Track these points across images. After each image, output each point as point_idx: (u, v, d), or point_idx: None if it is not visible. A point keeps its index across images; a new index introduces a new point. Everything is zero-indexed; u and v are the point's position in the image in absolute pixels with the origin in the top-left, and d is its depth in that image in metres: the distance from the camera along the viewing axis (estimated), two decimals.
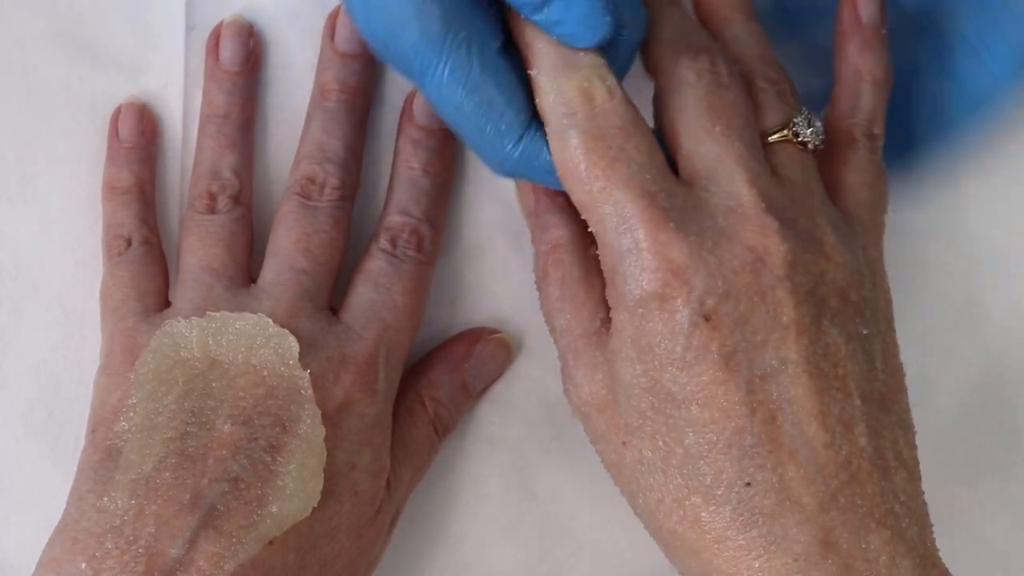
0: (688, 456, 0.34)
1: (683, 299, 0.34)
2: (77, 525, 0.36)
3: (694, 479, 0.34)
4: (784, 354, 0.34)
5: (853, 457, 0.34)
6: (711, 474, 0.34)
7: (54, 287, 0.43)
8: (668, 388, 0.34)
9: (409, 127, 0.42)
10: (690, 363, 0.34)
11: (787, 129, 0.37)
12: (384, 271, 0.40)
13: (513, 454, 0.43)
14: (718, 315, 0.34)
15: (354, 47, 0.41)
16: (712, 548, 0.34)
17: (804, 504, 0.33)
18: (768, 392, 0.34)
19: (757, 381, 0.34)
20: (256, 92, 0.43)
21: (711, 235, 0.34)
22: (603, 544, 0.43)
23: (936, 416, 0.44)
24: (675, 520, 0.35)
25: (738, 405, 0.34)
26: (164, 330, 0.38)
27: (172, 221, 0.43)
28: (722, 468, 0.34)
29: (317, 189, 0.41)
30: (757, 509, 0.33)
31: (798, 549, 0.33)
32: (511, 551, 0.43)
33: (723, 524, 0.34)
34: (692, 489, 0.34)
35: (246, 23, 0.42)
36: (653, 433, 0.35)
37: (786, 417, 0.34)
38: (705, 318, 0.34)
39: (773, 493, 0.33)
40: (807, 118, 0.37)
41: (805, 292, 0.34)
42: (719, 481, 0.34)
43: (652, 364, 0.34)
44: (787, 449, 0.33)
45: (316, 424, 0.37)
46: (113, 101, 0.43)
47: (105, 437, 0.37)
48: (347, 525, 0.38)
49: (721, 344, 0.34)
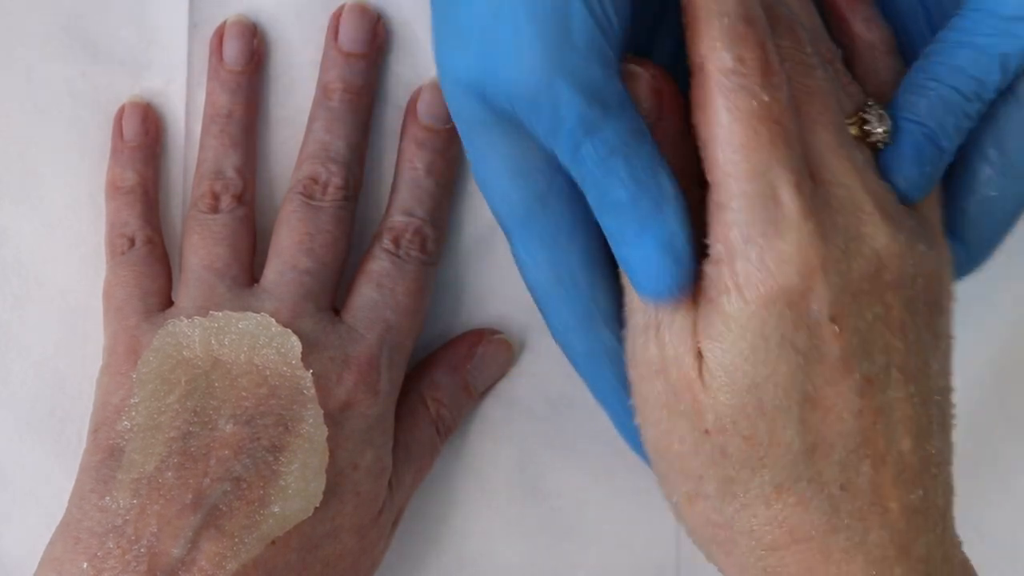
0: (787, 456, 0.33)
1: (817, 296, 0.32)
2: (79, 525, 0.36)
3: (790, 480, 0.33)
4: (891, 359, 0.33)
5: (928, 463, 0.34)
6: (809, 476, 0.33)
7: (57, 284, 0.43)
8: (780, 386, 0.33)
9: (413, 127, 0.42)
10: (811, 362, 0.33)
11: (856, 125, 0.35)
12: (387, 271, 0.40)
13: (517, 450, 0.43)
14: (843, 316, 0.33)
15: (358, 46, 0.41)
16: (790, 547, 0.33)
17: (889, 508, 0.33)
18: (874, 396, 0.33)
19: (867, 385, 0.33)
20: (259, 91, 0.43)
21: (843, 233, 0.33)
22: (609, 539, 0.43)
23: None
24: (752, 515, 0.33)
25: (848, 409, 0.33)
26: (167, 329, 0.38)
27: (175, 220, 0.43)
28: (822, 470, 0.33)
29: (320, 189, 0.41)
30: (847, 512, 0.33)
31: (877, 553, 0.33)
32: (516, 547, 0.43)
33: (809, 524, 0.33)
34: (784, 490, 0.33)
35: (250, 22, 0.42)
36: (750, 433, 0.33)
37: (884, 422, 0.33)
38: (831, 318, 0.33)
39: (864, 496, 0.33)
40: (878, 112, 0.35)
41: (909, 296, 0.34)
42: (816, 483, 0.33)
43: (765, 359, 0.33)
44: (881, 454, 0.33)
45: (318, 424, 0.37)
46: (116, 99, 0.43)
47: (107, 436, 0.38)
48: (349, 525, 0.38)
49: (843, 345, 0.33)
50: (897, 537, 0.33)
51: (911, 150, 0.35)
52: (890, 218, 0.33)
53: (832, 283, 0.32)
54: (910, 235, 0.34)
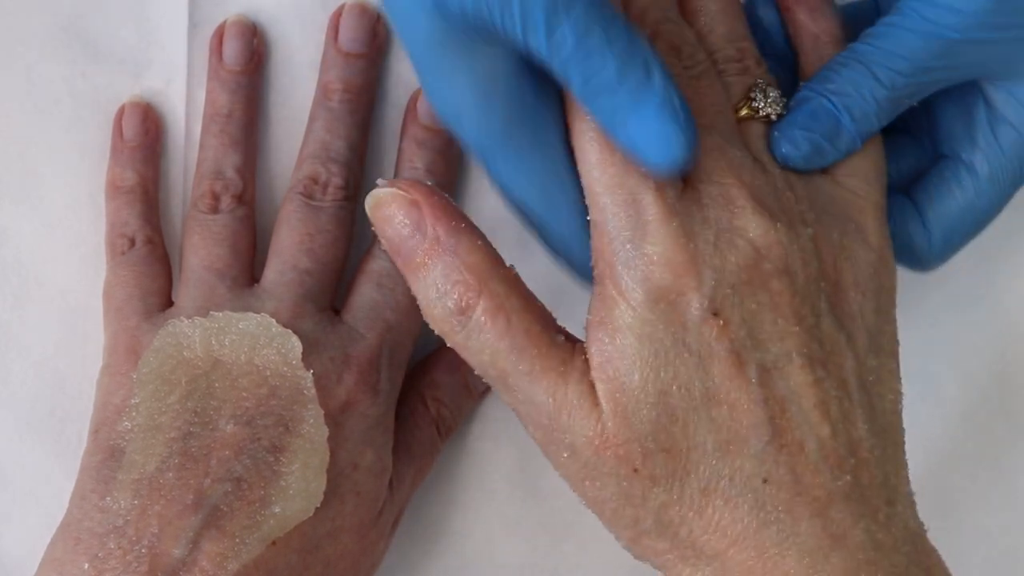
0: (707, 457, 0.33)
1: (694, 294, 0.33)
2: (79, 525, 0.36)
3: (713, 481, 0.33)
4: (786, 346, 0.34)
5: (854, 447, 0.34)
6: (730, 474, 0.33)
7: (57, 284, 0.43)
8: (684, 388, 0.33)
9: (413, 127, 0.42)
10: (705, 360, 0.33)
11: (746, 106, 0.36)
12: (387, 271, 0.40)
13: (517, 450, 0.43)
14: (726, 309, 0.33)
15: (358, 46, 0.41)
16: (727, 552, 0.33)
17: (815, 497, 0.33)
18: (776, 385, 0.33)
19: (765, 374, 0.33)
20: (259, 91, 0.43)
21: (713, 228, 0.34)
22: (608, 539, 0.43)
23: (940, 410, 0.45)
24: (692, 529, 0.34)
25: (751, 399, 0.33)
26: (167, 330, 0.38)
27: (175, 220, 0.43)
28: (740, 466, 0.33)
29: (320, 189, 0.40)
30: (774, 505, 0.33)
31: (811, 543, 0.33)
32: (516, 547, 0.43)
33: (741, 525, 0.33)
34: (710, 493, 0.33)
35: (250, 22, 0.42)
36: (669, 444, 0.33)
37: (793, 410, 0.33)
38: (714, 313, 0.33)
39: (787, 488, 0.33)
40: (762, 89, 0.36)
41: (802, 282, 0.34)
42: (739, 480, 0.33)
43: (663, 365, 0.33)
44: (798, 442, 0.33)
45: (319, 424, 0.37)
46: (116, 99, 0.42)
47: (108, 437, 0.38)
48: (350, 525, 0.38)
49: (732, 338, 0.33)
50: (830, 526, 0.33)
51: (802, 116, 0.36)
52: (765, 208, 0.34)
53: (705, 278, 0.33)
54: (796, 222, 0.34)
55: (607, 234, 0.33)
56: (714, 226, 0.34)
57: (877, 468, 0.34)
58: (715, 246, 0.33)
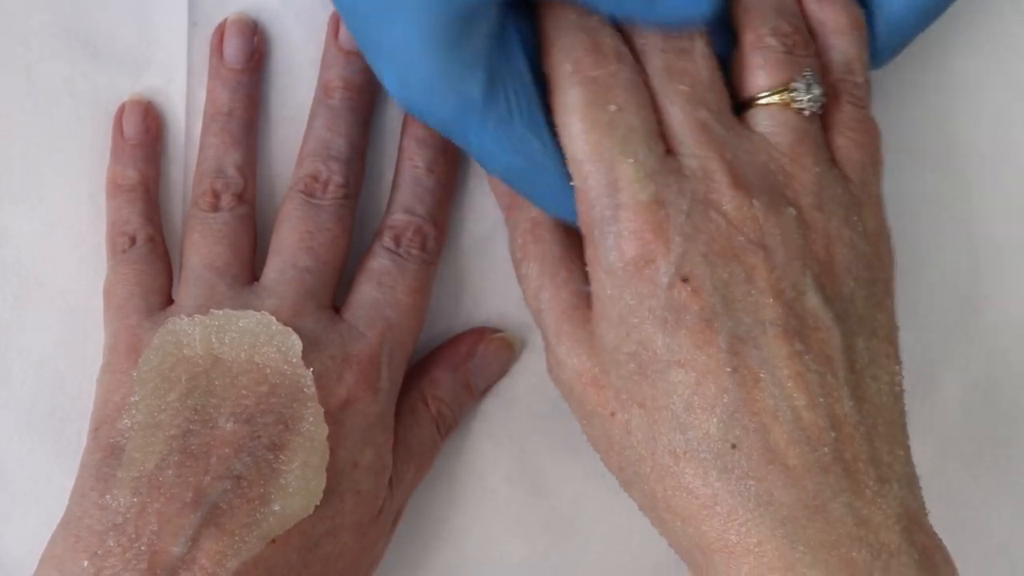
0: (675, 419, 0.34)
1: (662, 260, 0.34)
2: (79, 523, 0.36)
3: (682, 443, 0.34)
4: (761, 317, 0.34)
5: (836, 421, 0.34)
6: (697, 437, 0.34)
7: (57, 283, 0.43)
8: (652, 351, 0.35)
9: (413, 125, 0.42)
10: (672, 325, 0.34)
11: (785, 92, 0.37)
12: (388, 270, 0.40)
13: (517, 448, 0.43)
14: (696, 277, 0.34)
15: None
16: (700, 514, 0.34)
17: (790, 466, 0.33)
18: (749, 354, 0.34)
19: (738, 343, 0.34)
20: (260, 89, 0.43)
21: (688, 199, 0.35)
22: (609, 537, 0.43)
23: (939, 410, 0.44)
24: (666, 488, 0.35)
25: (720, 366, 0.34)
26: (167, 328, 0.38)
27: (175, 218, 0.43)
28: (708, 431, 0.34)
29: (321, 187, 0.40)
30: (743, 472, 0.33)
31: (784, 512, 0.33)
32: (516, 546, 0.43)
33: (711, 489, 0.34)
34: (680, 454, 0.34)
35: (250, 21, 0.42)
36: (641, 399, 0.35)
37: (768, 379, 0.34)
38: (683, 279, 0.34)
39: (758, 455, 0.33)
40: (808, 83, 0.37)
41: (782, 258, 0.35)
42: (705, 444, 0.34)
43: (634, 327, 0.35)
44: (771, 411, 0.34)
45: (319, 422, 0.37)
46: (116, 97, 0.42)
47: (108, 435, 0.37)
48: (349, 524, 0.38)
49: (701, 306, 0.34)
50: (805, 496, 0.33)
51: None
52: (744, 185, 0.35)
53: (675, 244, 0.34)
54: (779, 201, 0.35)
55: (587, 200, 0.36)
56: (689, 197, 0.35)
57: (864, 445, 0.34)
58: (688, 215, 0.35)
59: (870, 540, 0.33)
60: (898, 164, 0.43)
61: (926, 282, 0.44)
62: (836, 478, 0.33)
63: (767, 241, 0.35)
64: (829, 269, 0.35)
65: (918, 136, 0.44)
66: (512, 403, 0.43)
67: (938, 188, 0.44)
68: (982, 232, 0.45)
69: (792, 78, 0.37)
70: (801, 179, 0.36)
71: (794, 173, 0.36)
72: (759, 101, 0.37)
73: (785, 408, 0.34)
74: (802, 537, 0.33)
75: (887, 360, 0.36)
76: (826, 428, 0.34)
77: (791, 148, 0.36)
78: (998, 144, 0.44)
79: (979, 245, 0.45)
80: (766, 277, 0.34)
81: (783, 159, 0.36)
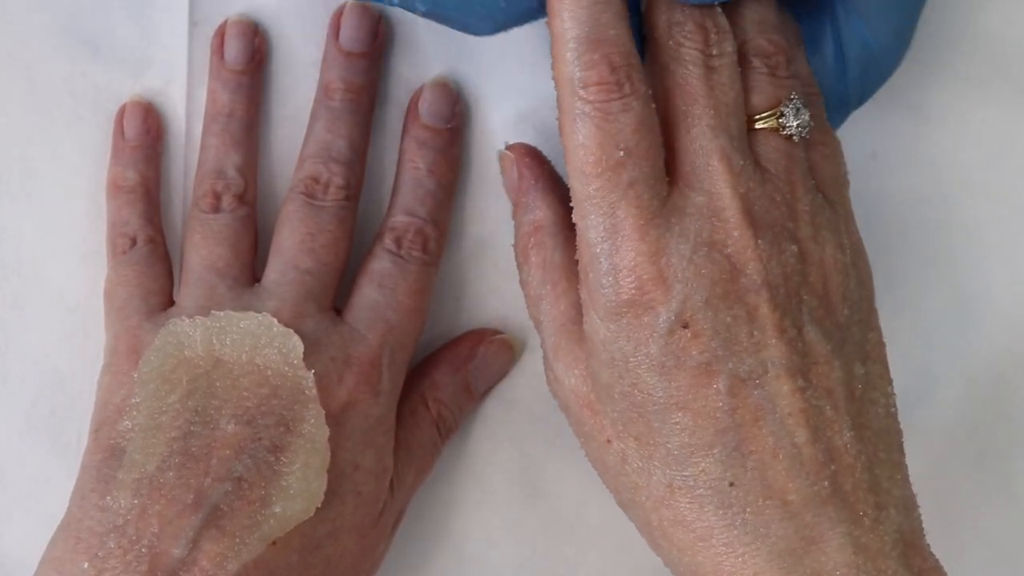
0: (671, 457, 0.34)
1: (662, 307, 0.34)
2: (80, 524, 0.36)
3: (678, 479, 0.34)
4: (764, 357, 0.34)
5: (836, 453, 0.34)
6: (694, 475, 0.34)
7: (57, 283, 0.43)
8: (647, 392, 0.34)
9: (414, 127, 0.42)
10: (669, 369, 0.34)
11: (772, 117, 0.36)
12: (389, 272, 0.40)
13: (517, 451, 0.43)
14: (696, 322, 0.34)
15: (359, 46, 0.41)
16: (697, 546, 0.34)
17: (788, 501, 0.33)
18: (750, 395, 0.34)
19: (738, 384, 0.34)
20: (261, 91, 0.42)
21: (691, 242, 0.34)
22: (609, 540, 0.43)
23: (939, 411, 0.45)
24: (661, 519, 0.34)
25: (719, 409, 0.34)
26: (168, 329, 0.38)
27: (176, 220, 0.43)
28: (705, 469, 0.34)
29: (321, 189, 0.40)
30: (740, 507, 0.33)
31: (782, 545, 0.33)
32: (516, 548, 0.43)
33: (707, 523, 0.34)
34: (676, 489, 0.34)
35: (251, 22, 0.42)
36: (636, 433, 0.35)
37: (769, 418, 0.34)
38: (683, 325, 0.34)
39: (756, 491, 0.33)
40: (795, 107, 0.36)
41: (783, 296, 0.34)
42: (703, 481, 0.34)
43: (628, 370, 0.34)
44: (770, 449, 0.33)
45: (320, 424, 0.37)
46: (116, 97, 0.42)
47: (108, 436, 0.37)
48: (350, 526, 0.38)
49: (701, 350, 0.34)
50: (803, 529, 0.33)
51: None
52: (752, 222, 0.34)
53: (676, 291, 0.34)
54: (782, 237, 0.35)
55: (586, 240, 0.34)
56: (692, 239, 0.34)
57: (864, 473, 0.34)
58: (690, 260, 0.34)
59: (868, 568, 0.33)
60: (898, 164, 0.43)
61: (926, 282, 0.44)
62: (835, 509, 0.33)
63: (770, 280, 0.34)
64: (826, 300, 0.35)
65: (918, 136, 0.44)
66: (512, 405, 0.43)
67: (938, 188, 0.44)
68: (982, 232, 0.45)
69: (780, 102, 0.36)
70: (798, 210, 0.35)
71: (792, 204, 0.35)
72: (756, 123, 0.36)
73: (786, 445, 0.33)
74: (799, 568, 0.33)
75: (881, 381, 0.36)
76: (825, 462, 0.34)
77: (787, 176, 0.35)
78: (998, 144, 0.44)
79: (979, 245, 0.45)
80: (769, 316, 0.34)
81: (784, 188, 0.35)
